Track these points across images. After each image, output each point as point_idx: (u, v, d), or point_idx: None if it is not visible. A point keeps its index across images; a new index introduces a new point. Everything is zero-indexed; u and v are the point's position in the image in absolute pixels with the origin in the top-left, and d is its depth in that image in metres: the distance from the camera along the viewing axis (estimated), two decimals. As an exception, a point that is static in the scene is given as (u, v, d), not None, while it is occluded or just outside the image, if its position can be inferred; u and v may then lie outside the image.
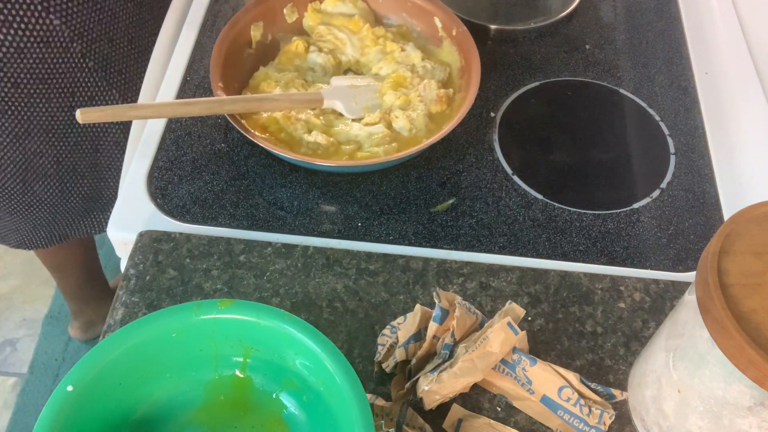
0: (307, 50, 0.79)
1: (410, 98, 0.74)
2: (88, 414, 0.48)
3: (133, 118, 0.69)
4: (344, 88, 0.74)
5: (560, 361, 0.59)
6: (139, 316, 0.61)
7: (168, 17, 0.90)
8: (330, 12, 0.81)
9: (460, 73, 0.78)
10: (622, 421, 0.56)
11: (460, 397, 0.56)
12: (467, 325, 0.57)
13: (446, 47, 0.79)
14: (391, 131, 0.72)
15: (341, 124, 0.73)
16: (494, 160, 0.74)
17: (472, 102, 0.71)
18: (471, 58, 0.75)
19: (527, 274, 0.65)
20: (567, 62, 0.85)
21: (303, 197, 0.71)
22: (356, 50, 0.79)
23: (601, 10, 0.92)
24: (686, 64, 0.85)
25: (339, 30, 0.79)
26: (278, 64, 0.78)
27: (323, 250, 0.65)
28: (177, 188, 0.71)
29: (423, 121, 0.72)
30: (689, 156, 0.76)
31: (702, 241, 0.69)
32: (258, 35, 0.78)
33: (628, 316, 0.62)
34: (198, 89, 0.80)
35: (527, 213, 0.70)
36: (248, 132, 0.68)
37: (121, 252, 0.70)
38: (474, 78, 0.73)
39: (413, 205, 0.70)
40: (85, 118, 0.62)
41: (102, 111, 0.64)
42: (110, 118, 0.64)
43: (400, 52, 0.78)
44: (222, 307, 0.51)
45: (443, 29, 0.79)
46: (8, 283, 1.10)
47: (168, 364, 0.52)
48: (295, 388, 0.53)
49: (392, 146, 0.71)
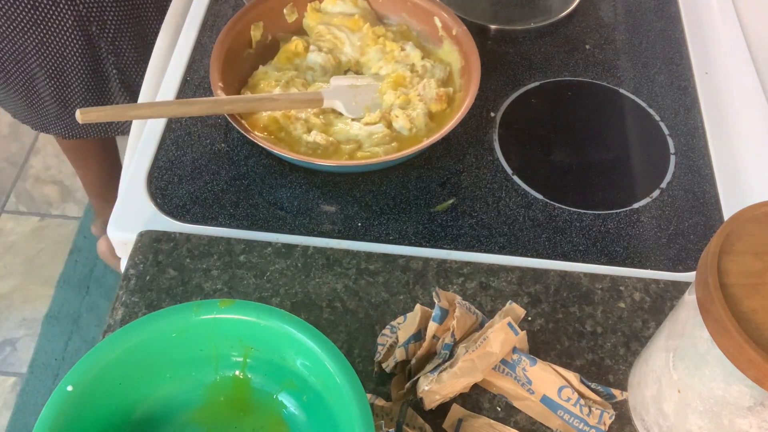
0: (306, 50, 0.79)
1: (410, 97, 0.74)
2: (88, 414, 0.48)
3: (133, 117, 0.69)
4: (344, 88, 0.74)
5: (560, 361, 0.59)
6: (139, 316, 0.60)
7: (168, 17, 0.90)
8: (330, 12, 0.82)
9: (460, 73, 0.78)
10: (622, 421, 0.56)
11: (460, 397, 0.56)
12: (467, 325, 0.57)
13: (446, 47, 0.79)
14: (391, 131, 0.72)
15: (341, 123, 0.73)
16: (494, 160, 0.74)
17: (473, 102, 0.71)
18: (471, 58, 0.75)
19: (527, 274, 0.65)
20: (567, 62, 0.85)
21: (303, 197, 0.71)
22: (356, 49, 0.79)
23: (601, 10, 0.92)
24: (686, 64, 0.85)
25: (338, 29, 0.79)
26: (277, 64, 0.78)
27: (323, 250, 0.65)
28: (177, 188, 0.71)
29: (423, 121, 0.72)
30: (689, 156, 0.76)
31: (702, 241, 0.69)
32: (258, 35, 0.78)
33: (628, 316, 0.62)
34: (198, 89, 0.80)
35: (527, 213, 0.70)
36: (248, 132, 0.68)
37: (121, 252, 0.70)
38: (474, 78, 0.73)
39: (413, 205, 0.70)
40: (84, 118, 0.63)
41: (101, 111, 0.64)
42: (110, 118, 0.65)
43: (399, 52, 0.78)
44: (222, 307, 0.51)
45: (443, 29, 0.79)
46: (8, 283, 1.10)
47: (168, 364, 0.52)
48: (295, 388, 0.53)
49: (392, 146, 0.71)
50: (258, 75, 0.76)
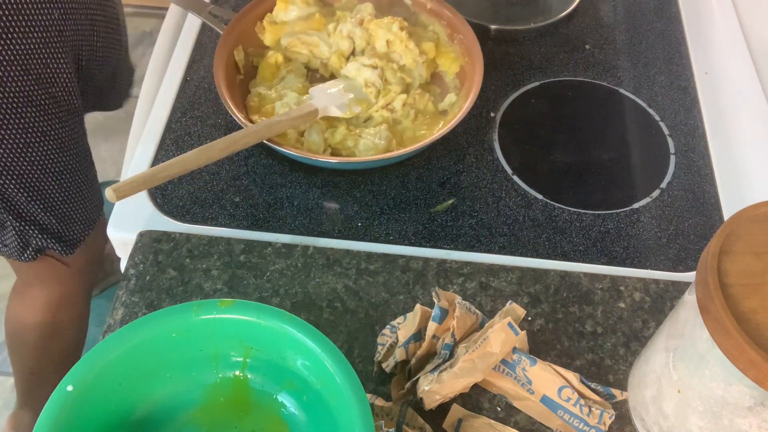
0: (285, 59, 0.78)
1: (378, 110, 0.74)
2: (88, 414, 0.48)
3: (163, 179, 0.63)
4: (329, 94, 0.73)
5: (560, 361, 0.59)
6: (139, 316, 0.61)
7: (168, 17, 0.90)
8: (286, 20, 0.80)
9: (461, 73, 0.78)
10: (622, 421, 0.56)
11: (460, 397, 0.56)
12: (467, 325, 0.57)
13: (450, 46, 0.79)
14: (389, 113, 0.73)
15: (341, 127, 0.73)
16: (494, 160, 0.74)
17: (473, 102, 0.71)
18: (474, 57, 0.75)
19: (527, 274, 0.65)
20: (567, 62, 0.85)
21: (303, 197, 0.71)
22: (333, 47, 0.78)
23: (601, 10, 0.92)
24: (686, 64, 0.85)
25: (307, 35, 0.79)
26: (263, 81, 0.78)
27: (323, 250, 0.65)
28: (177, 188, 0.71)
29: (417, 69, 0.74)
30: (689, 156, 0.76)
31: (702, 241, 0.69)
32: (242, 59, 0.78)
33: (628, 316, 0.62)
34: (198, 89, 0.80)
35: (527, 213, 0.70)
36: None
37: (121, 252, 0.70)
38: (477, 77, 0.73)
39: (413, 205, 0.70)
40: (119, 196, 0.58)
41: (131, 183, 0.60)
42: (143, 188, 0.61)
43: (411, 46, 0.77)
44: (222, 307, 0.51)
45: (449, 26, 0.79)
46: (8, 283, 1.09)
47: (168, 364, 0.52)
48: (295, 388, 0.53)
49: (392, 144, 0.71)
50: (255, 99, 0.75)
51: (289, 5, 0.79)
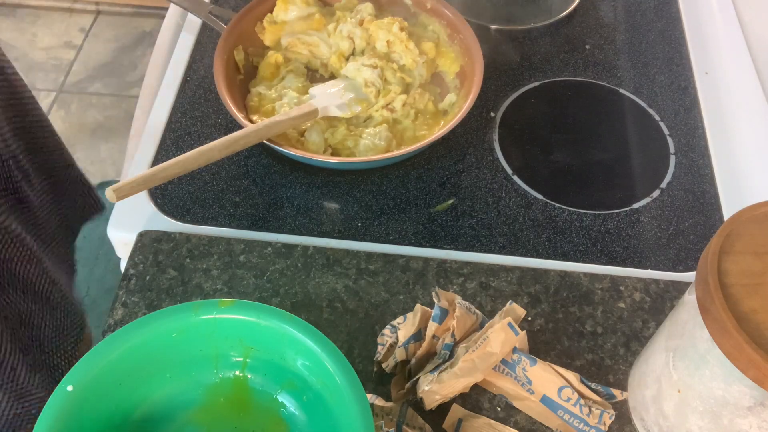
0: (285, 59, 0.78)
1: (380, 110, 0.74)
2: (88, 414, 0.48)
3: (163, 180, 0.62)
4: (329, 94, 0.73)
5: (560, 361, 0.59)
6: (139, 316, 0.60)
7: (168, 17, 0.90)
8: (286, 20, 0.80)
9: (461, 73, 0.78)
10: (622, 421, 0.56)
11: (460, 397, 0.56)
12: (467, 325, 0.57)
13: (449, 46, 0.79)
14: (389, 113, 0.72)
15: (341, 127, 0.73)
16: (494, 160, 0.74)
17: (473, 102, 0.71)
18: (474, 57, 0.75)
19: (527, 274, 0.65)
20: (567, 62, 0.85)
21: (303, 197, 0.71)
22: (333, 47, 0.78)
23: (601, 10, 0.92)
24: (686, 64, 0.85)
25: (307, 35, 0.79)
26: (263, 81, 0.77)
27: (323, 250, 0.65)
28: (177, 188, 0.71)
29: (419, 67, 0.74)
30: (689, 156, 0.76)
31: (702, 241, 0.69)
32: (242, 59, 0.77)
33: (628, 316, 0.62)
34: (198, 89, 0.80)
35: (527, 213, 0.70)
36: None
37: (121, 252, 0.70)
38: (477, 77, 0.73)
39: (413, 205, 0.70)
40: (119, 196, 0.58)
41: (131, 183, 0.59)
42: (143, 188, 0.60)
43: (411, 47, 0.77)
44: (222, 307, 0.51)
45: (448, 26, 0.79)
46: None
47: (168, 364, 0.52)
48: (295, 388, 0.53)
49: (392, 144, 0.71)
50: (255, 99, 0.75)
51: (289, 5, 0.79)
